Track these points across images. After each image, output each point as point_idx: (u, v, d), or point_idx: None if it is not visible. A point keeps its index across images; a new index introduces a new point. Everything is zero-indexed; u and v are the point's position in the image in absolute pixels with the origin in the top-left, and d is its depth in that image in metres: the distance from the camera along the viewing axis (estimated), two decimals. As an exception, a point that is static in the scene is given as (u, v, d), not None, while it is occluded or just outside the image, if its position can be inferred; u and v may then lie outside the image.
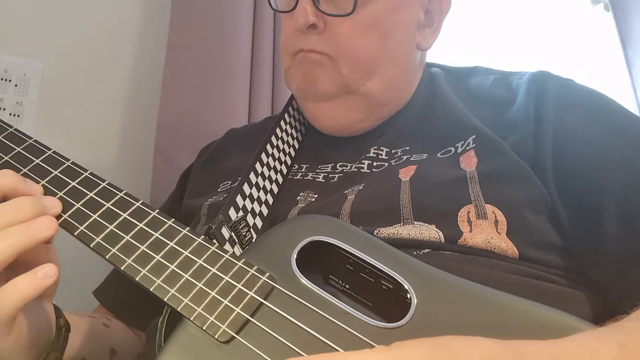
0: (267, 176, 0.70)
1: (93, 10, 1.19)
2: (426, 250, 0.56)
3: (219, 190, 0.77)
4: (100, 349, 0.70)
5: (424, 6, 0.74)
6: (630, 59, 1.61)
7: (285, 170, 0.75)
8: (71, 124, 1.14)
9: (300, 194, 0.69)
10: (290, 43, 0.72)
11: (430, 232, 0.57)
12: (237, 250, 0.58)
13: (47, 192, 0.52)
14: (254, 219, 0.64)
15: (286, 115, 0.80)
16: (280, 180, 0.73)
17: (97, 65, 1.18)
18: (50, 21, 1.14)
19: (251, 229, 0.62)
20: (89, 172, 0.55)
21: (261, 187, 0.68)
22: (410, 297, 0.44)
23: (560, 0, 1.92)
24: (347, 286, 0.51)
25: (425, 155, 0.67)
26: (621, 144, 0.59)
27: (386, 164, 0.68)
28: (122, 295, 0.80)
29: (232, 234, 0.58)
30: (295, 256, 0.48)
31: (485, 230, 0.56)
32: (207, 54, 1.17)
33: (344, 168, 0.72)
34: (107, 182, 0.54)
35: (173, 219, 0.51)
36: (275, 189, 0.71)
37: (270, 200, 0.69)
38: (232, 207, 0.62)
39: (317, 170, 0.73)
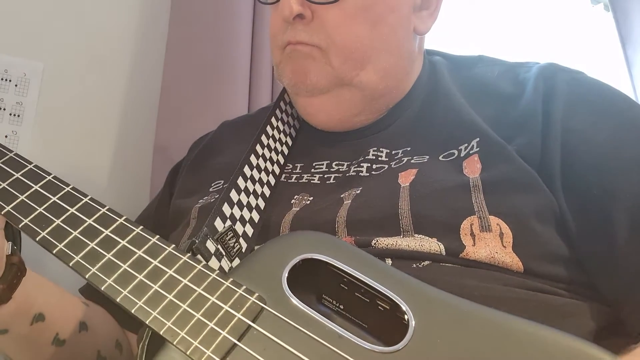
0: (257, 179, 0.67)
1: (93, 10, 1.19)
2: (426, 263, 0.53)
3: (210, 190, 0.74)
4: (68, 316, 0.67)
5: None
6: (630, 59, 1.60)
7: (277, 171, 0.71)
8: (71, 123, 1.14)
9: (295, 197, 0.66)
10: (278, 36, 0.69)
11: (431, 244, 0.54)
12: (225, 264, 0.55)
13: (26, 207, 0.50)
14: (244, 227, 0.61)
15: (277, 111, 0.77)
16: (273, 181, 0.69)
17: (97, 65, 1.18)
18: (50, 21, 1.14)
19: (240, 238, 0.59)
20: (70, 186, 0.52)
21: (251, 191, 0.65)
22: (407, 318, 0.42)
23: (560, 0, 1.91)
24: (342, 307, 0.48)
25: (427, 157, 0.64)
26: (634, 145, 0.57)
27: (386, 167, 0.65)
28: None
29: (219, 246, 0.55)
30: (286, 275, 0.45)
31: (490, 243, 0.53)
32: (207, 52, 1.16)
33: (340, 167, 0.69)
34: (89, 197, 0.51)
35: (157, 236, 0.48)
36: (267, 192, 0.67)
37: (262, 205, 0.66)
38: (218, 217, 0.59)
39: (312, 171, 0.70)
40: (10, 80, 1.09)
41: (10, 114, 1.08)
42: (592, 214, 0.55)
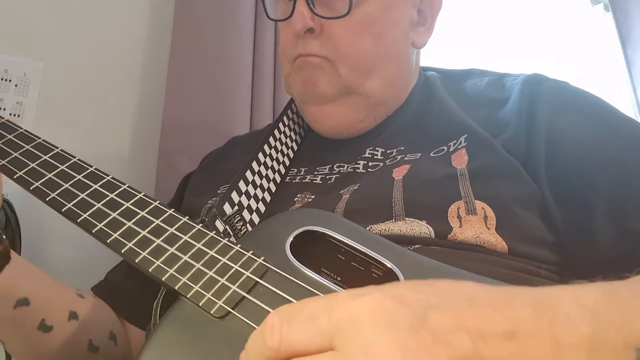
0: (264, 175, 0.72)
1: (94, 11, 1.20)
2: (417, 246, 0.57)
3: (218, 192, 0.79)
4: (57, 304, 0.69)
5: (415, 6, 0.76)
6: (630, 59, 1.62)
7: (283, 170, 0.76)
8: (71, 125, 1.14)
9: (298, 195, 0.71)
10: (288, 50, 0.74)
11: (420, 227, 0.58)
12: None
13: (54, 183, 0.56)
14: (251, 215, 0.66)
15: (285, 118, 0.82)
16: (278, 179, 0.74)
17: (98, 67, 1.18)
18: (51, 21, 1.14)
19: (247, 224, 0.64)
20: (93, 167, 0.58)
21: (258, 185, 0.70)
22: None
23: (560, 0, 1.93)
24: (339, 278, 0.53)
25: (419, 154, 0.68)
26: (614, 144, 0.61)
27: (381, 164, 0.70)
28: (118, 288, 0.80)
29: (227, 227, 0.60)
30: (289, 243, 0.50)
31: (475, 225, 0.57)
32: (210, 59, 1.18)
33: (341, 169, 0.74)
34: (111, 176, 0.57)
35: (173, 209, 0.53)
36: (273, 187, 0.73)
37: (268, 198, 0.71)
38: (226, 203, 0.63)
39: (315, 173, 0.75)
40: (10, 80, 1.08)
41: (10, 114, 1.07)
42: (574, 202, 0.60)
